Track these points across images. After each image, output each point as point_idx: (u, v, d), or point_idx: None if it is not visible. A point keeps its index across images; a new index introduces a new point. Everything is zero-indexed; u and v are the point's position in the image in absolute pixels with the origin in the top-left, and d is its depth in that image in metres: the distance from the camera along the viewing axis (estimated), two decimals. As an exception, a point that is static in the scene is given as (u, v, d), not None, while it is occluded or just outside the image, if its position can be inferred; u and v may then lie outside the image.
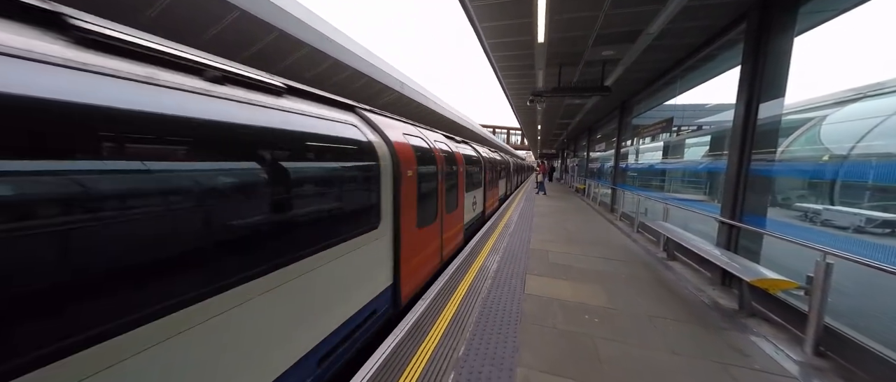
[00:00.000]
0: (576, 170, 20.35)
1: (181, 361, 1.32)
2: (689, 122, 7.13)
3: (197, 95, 1.46)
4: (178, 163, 1.35)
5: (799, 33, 3.64)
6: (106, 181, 1.10)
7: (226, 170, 1.55)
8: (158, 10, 5.55)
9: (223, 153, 1.55)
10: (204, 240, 1.42)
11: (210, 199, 1.45)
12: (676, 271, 4.75)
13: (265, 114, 1.82)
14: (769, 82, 3.81)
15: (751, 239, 4.03)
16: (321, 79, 9.42)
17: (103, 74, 1.14)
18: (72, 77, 1.05)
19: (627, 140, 10.03)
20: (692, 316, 3.34)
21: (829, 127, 4.32)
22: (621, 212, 8.99)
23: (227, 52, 6.64)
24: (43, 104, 0.97)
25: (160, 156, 1.28)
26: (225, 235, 1.51)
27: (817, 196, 4.25)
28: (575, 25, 5.01)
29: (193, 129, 1.41)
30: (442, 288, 3.81)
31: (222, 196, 1.52)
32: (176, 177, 1.32)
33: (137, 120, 1.19)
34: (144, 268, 1.20)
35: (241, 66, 1.88)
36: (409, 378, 2.29)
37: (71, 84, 1.04)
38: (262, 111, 1.81)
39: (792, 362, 2.64)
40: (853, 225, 3.88)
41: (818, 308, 2.67)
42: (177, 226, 1.31)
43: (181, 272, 1.32)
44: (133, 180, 1.18)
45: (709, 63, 5.74)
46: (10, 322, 0.90)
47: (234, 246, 1.55)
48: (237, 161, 1.62)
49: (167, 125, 1.30)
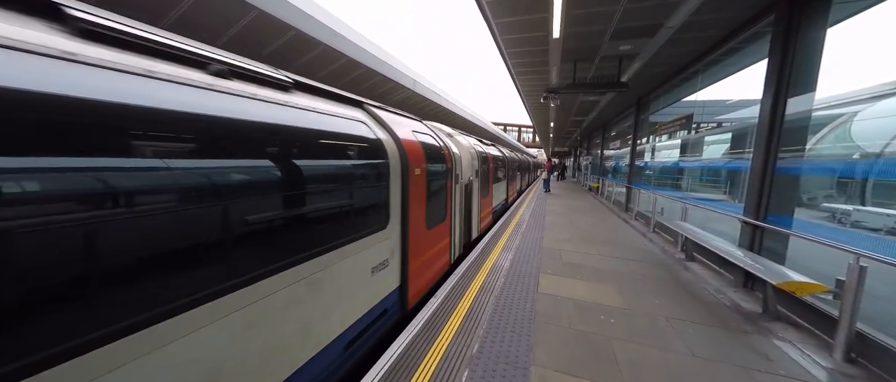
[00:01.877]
0: (589, 168, 19.99)
1: (217, 348, 1.42)
2: (710, 119, 6.89)
3: (200, 90, 1.42)
4: (178, 161, 1.29)
5: (832, 24, 3.46)
6: (108, 178, 1.09)
7: (230, 167, 1.51)
8: (176, 16, 5.71)
9: (227, 150, 1.51)
10: (209, 238, 1.41)
11: (211, 196, 1.41)
12: (695, 272, 4.62)
13: (272, 110, 1.77)
14: (798, 76, 3.64)
15: (775, 240, 3.88)
16: (335, 77, 9.52)
17: (110, 69, 1.13)
18: (70, 69, 1.03)
19: (644, 137, 9.78)
20: (712, 319, 3.25)
21: (862, 123, 4.11)
22: (637, 212, 8.79)
23: (245, 52, 6.77)
24: (45, 98, 0.95)
25: (162, 153, 1.25)
26: (223, 234, 1.46)
27: (847, 196, 4.05)
28: (591, 20, 4.90)
29: (195, 125, 1.37)
30: (455, 284, 3.81)
31: (225, 192, 1.47)
32: (174, 175, 1.26)
33: (138, 115, 1.18)
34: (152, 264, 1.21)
35: (246, 60, 1.82)
36: (424, 374, 2.30)
37: (69, 76, 1.02)
38: (268, 107, 1.76)
39: (820, 368, 2.53)
40: (887, 227, 3.68)
41: (850, 312, 2.55)
42: (177, 224, 1.28)
43: (175, 270, 1.28)
44: (136, 177, 1.16)
45: (731, 57, 5.52)
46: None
47: (231, 247, 1.50)
48: (242, 158, 1.58)
49: (168, 121, 1.26)
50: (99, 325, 1.05)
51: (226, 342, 1.46)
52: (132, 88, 1.17)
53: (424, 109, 15.30)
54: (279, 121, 1.81)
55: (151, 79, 1.25)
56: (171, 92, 1.30)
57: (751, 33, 4.71)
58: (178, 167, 1.28)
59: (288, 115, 1.89)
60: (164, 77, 1.30)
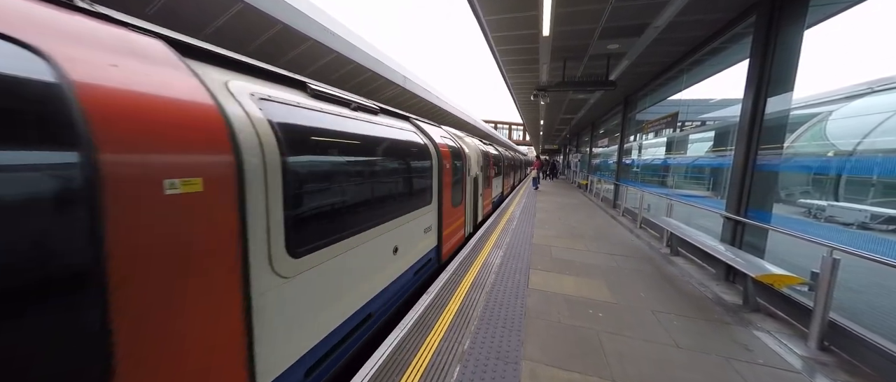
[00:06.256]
0: (578, 165, 20.28)
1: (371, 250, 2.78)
2: (694, 118, 7.07)
3: (344, 118, 2.62)
4: (350, 158, 2.59)
5: (809, 26, 3.59)
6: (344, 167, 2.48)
7: (379, 160, 2.99)
8: (159, 6, 5.51)
9: (370, 151, 2.88)
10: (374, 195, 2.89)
11: (381, 174, 3.02)
12: (680, 266, 4.75)
13: (370, 127, 2.98)
14: (777, 76, 3.77)
15: (755, 234, 4.02)
16: (324, 73, 9.37)
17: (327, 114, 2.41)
18: (310, 113, 2.22)
19: (631, 135, 9.97)
20: (696, 311, 3.35)
21: (836, 122, 4.29)
22: (624, 208, 8.98)
23: (231, 45, 6.60)
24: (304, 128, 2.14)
25: (347, 151, 2.59)
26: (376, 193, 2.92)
27: (822, 192, 4.23)
28: (580, 18, 4.96)
29: (349, 138, 2.63)
30: (446, 281, 3.82)
31: (384, 173, 3.06)
32: (356, 166, 2.64)
33: (345, 136, 2.56)
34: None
35: (361, 99, 3.08)
36: (415, 371, 2.31)
37: (309, 116, 2.19)
38: (368, 125, 2.97)
39: (796, 357, 2.65)
40: (858, 222, 3.87)
41: (824, 303, 2.67)
42: (364, 186, 2.75)
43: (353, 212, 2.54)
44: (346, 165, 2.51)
45: (715, 57, 5.67)
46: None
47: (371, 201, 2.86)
48: (380, 156, 3.00)
49: (347, 139, 2.59)
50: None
51: (385, 242, 3.03)
52: (339, 122, 2.54)
53: (414, 106, 15.21)
54: (377, 135, 3.06)
55: (341, 117, 2.58)
56: (342, 122, 2.59)
57: (733, 34, 4.85)
58: (359, 160, 2.69)
59: (381, 131, 3.17)
60: (338, 114, 2.58)
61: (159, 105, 1.20)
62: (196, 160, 1.26)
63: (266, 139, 1.60)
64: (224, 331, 1.39)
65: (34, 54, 0.96)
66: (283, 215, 1.68)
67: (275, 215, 1.63)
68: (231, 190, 1.39)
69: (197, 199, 1.25)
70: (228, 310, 1.40)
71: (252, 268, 1.50)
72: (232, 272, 1.40)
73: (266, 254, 1.59)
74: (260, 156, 1.53)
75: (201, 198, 1.26)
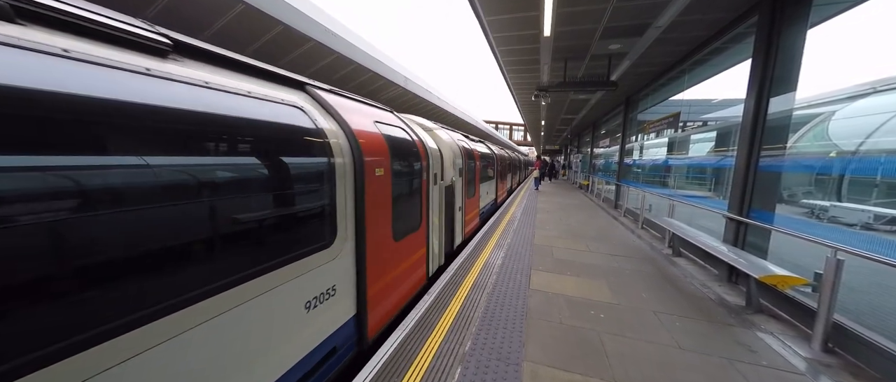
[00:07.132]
0: (579, 166, 20.24)
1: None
2: (696, 118, 7.05)
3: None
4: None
5: (812, 26, 3.57)
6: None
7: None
8: (161, 6, 5.53)
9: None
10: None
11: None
12: (682, 267, 4.73)
13: (139, 84, 1.23)
14: (780, 76, 3.75)
15: (758, 235, 4.00)
16: (326, 73, 9.38)
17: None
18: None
19: (632, 136, 9.95)
20: (698, 313, 3.33)
21: (838, 122, 4.26)
22: (625, 209, 8.95)
23: (232, 46, 6.61)
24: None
25: None
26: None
27: (825, 192, 4.20)
28: (582, 18, 4.94)
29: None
30: (447, 282, 3.81)
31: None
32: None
33: None
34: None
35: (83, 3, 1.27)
36: (417, 371, 2.30)
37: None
38: (134, 79, 1.22)
39: (800, 358, 2.62)
40: (861, 222, 3.84)
41: (827, 304, 2.65)
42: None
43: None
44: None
45: (717, 57, 5.65)
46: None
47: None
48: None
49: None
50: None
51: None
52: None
53: (416, 106, 15.23)
54: (149, 102, 1.38)
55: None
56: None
57: (735, 34, 4.83)
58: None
59: (163, 94, 1.42)
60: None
61: (376, 139, 2.77)
62: (382, 162, 2.76)
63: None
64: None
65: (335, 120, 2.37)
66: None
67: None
68: (389, 177, 2.87)
69: (383, 178, 2.76)
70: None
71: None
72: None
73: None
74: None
75: (383, 179, 2.77)
